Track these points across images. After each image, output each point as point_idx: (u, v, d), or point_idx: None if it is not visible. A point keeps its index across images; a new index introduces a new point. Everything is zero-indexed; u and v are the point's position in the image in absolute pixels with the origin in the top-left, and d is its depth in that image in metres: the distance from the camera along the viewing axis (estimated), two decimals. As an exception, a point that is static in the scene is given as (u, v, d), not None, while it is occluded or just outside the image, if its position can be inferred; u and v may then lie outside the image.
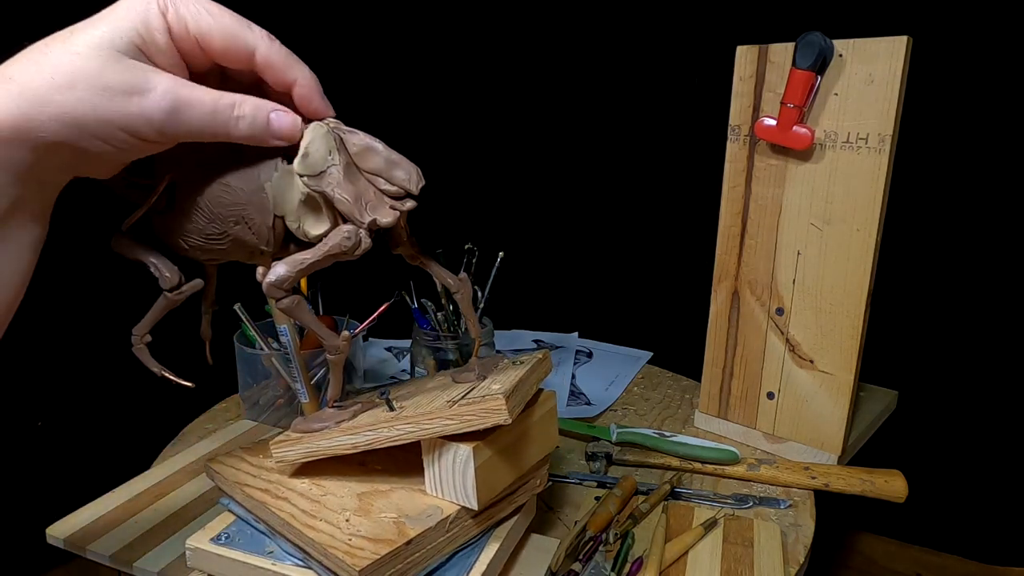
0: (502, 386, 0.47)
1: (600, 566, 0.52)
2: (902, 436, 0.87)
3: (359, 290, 0.78)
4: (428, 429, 0.46)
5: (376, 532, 0.44)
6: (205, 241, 0.45)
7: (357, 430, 0.48)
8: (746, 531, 0.57)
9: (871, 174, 0.60)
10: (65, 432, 0.96)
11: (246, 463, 0.53)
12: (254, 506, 0.49)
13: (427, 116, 1.20)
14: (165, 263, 0.45)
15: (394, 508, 0.47)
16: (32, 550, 0.89)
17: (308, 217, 0.45)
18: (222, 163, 0.44)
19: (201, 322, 0.53)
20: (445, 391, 0.51)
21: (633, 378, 0.92)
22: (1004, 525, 0.99)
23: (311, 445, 0.50)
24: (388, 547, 0.43)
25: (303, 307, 0.46)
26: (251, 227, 0.44)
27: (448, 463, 0.47)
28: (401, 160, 0.46)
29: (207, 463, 0.54)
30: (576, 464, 0.70)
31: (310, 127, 0.43)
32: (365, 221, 0.44)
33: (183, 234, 0.44)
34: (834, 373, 0.66)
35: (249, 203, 0.43)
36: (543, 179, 1.24)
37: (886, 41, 0.57)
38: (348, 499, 0.48)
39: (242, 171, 0.43)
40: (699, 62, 1.04)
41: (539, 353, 0.55)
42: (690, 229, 0.99)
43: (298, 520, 0.45)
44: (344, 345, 0.49)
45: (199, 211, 0.43)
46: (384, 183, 0.45)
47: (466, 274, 0.54)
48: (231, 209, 0.43)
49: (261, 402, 0.75)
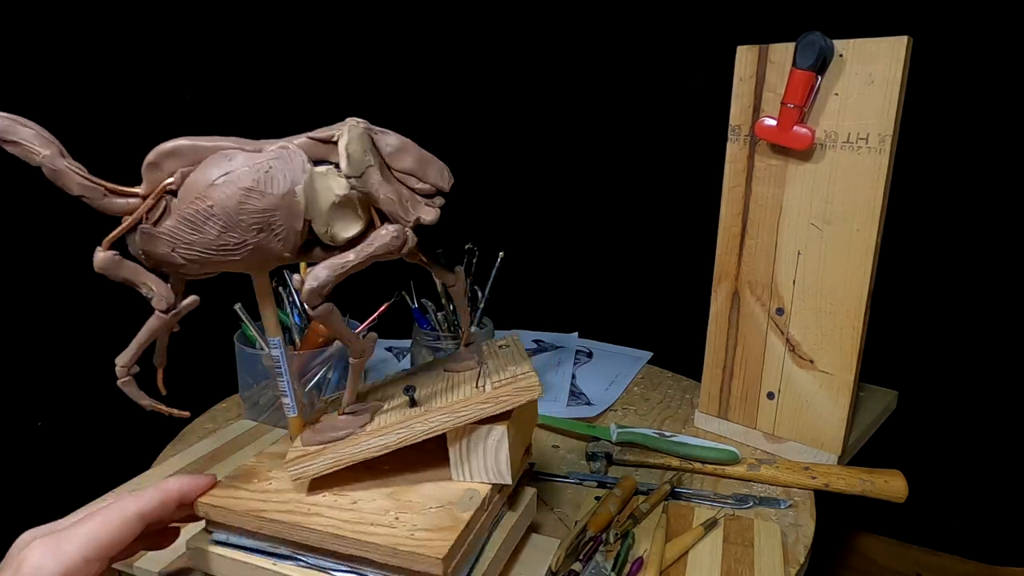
0: (519, 366, 0.50)
1: (600, 566, 0.52)
2: (902, 436, 0.87)
3: (359, 290, 0.78)
4: (464, 416, 0.47)
5: (432, 523, 0.44)
6: (214, 253, 0.42)
7: (387, 430, 0.47)
8: (746, 531, 0.57)
9: (871, 174, 0.60)
10: (65, 432, 0.96)
11: (243, 491, 0.48)
12: (279, 530, 0.45)
13: (427, 116, 1.20)
14: (157, 281, 0.43)
15: (433, 500, 0.47)
16: (32, 550, 0.88)
17: (339, 220, 0.44)
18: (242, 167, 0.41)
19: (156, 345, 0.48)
20: (460, 377, 0.52)
21: (633, 378, 0.92)
22: (1004, 525, 0.99)
23: (336, 454, 0.47)
24: (453, 532, 0.43)
25: (337, 314, 0.45)
26: (277, 234, 0.42)
27: (479, 445, 0.48)
28: (432, 158, 0.45)
29: (198, 501, 0.47)
30: (576, 464, 0.70)
31: (345, 128, 0.43)
32: (411, 219, 0.44)
33: (181, 247, 0.41)
34: (834, 373, 0.66)
35: (279, 208, 0.41)
36: (543, 179, 1.24)
37: (886, 41, 0.57)
38: (382, 501, 0.47)
39: (269, 174, 0.41)
40: (699, 62, 1.04)
41: (511, 337, 0.58)
42: (690, 229, 0.99)
43: (347, 529, 0.43)
44: (369, 347, 0.49)
45: (212, 220, 0.41)
46: (416, 182, 0.45)
47: (460, 267, 0.54)
48: (257, 216, 0.41)
49: (261, 402, 0.75)
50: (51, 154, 0.39)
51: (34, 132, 0.39)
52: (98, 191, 0.40)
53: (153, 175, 0.41)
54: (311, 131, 0.44)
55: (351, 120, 0.43)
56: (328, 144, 0.43)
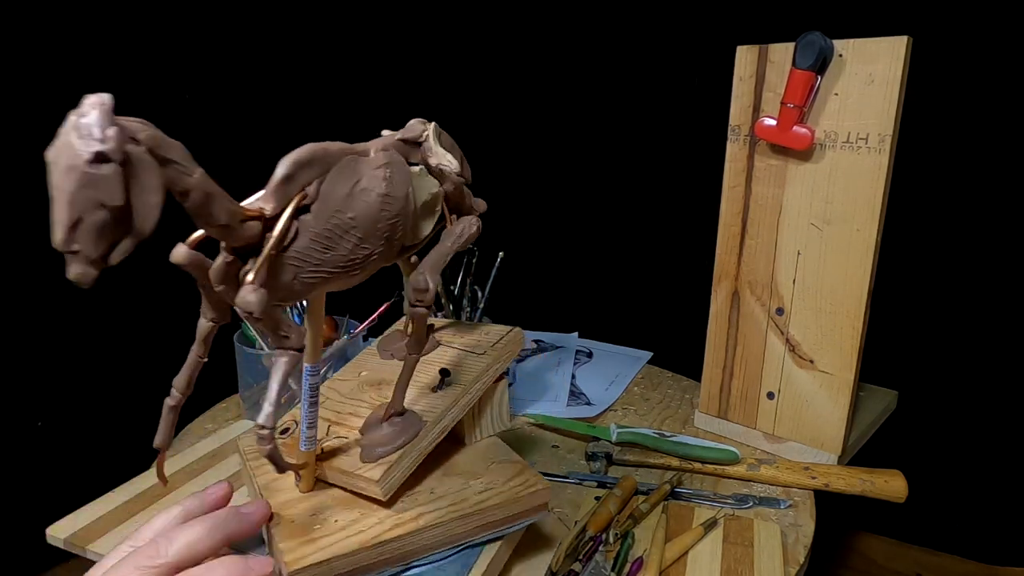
0: (486, 332, 0.57)
1: (600, 566, 0.52)
2: (902, 436, 0.87)
3: (359, 290, 0.77)
4: (487, 381, 0.53)
5: (507, 473, 0.50)
6: (339, 271, 0.37)
7: (443, 415, 0.50)
8: (746, 531, 0.57)
9: (871, 174, 0.60)
10: (65, 432, 0.96)
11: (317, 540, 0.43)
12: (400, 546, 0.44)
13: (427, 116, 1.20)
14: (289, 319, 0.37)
15: (480, 460, 0.52)
16: (32, 550, 0.89)
17: (424, 218, 0.45)
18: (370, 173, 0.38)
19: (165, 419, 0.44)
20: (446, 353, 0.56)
21: (633, 378, 0.92)
22: (1004, 525, 0.99)
23: (411, 455, 0.47)
24: (528, 470, 0.51)
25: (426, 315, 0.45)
26: (398, 238, 0.40)
27: (489, 402, 0.55)
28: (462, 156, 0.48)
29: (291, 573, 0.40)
30: (576, 464, 0.70)
31: (431, 128, 0.44)
32: (477, 210, 0.48)
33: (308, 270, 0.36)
34: (834, 373, 0.66)
35: (403, 212, 0.40)
36: (543, 179, 1.24)
37: (886, 41, 0.57)
38: (450, 481, 0.50)
39: (391, 178, 0.39)
40: (699, 62, 1.04)
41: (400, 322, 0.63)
42: (690, 229, 0.99)
43: (462, 508, 0.46)
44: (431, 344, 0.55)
45: (351, 233, 0.36)
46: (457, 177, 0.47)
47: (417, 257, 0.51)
48: (390, 221, 0.39)
49: (261, 402, 0.75)
50: (203, 174, 0.30)
51: (180, 145, 0.30)
52: (238, 216, 0.32)
53: (286, 189, 0.34)
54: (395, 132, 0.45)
55: (422, 121, 0.45)
56: (412, 145, 0.44)
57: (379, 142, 0.41)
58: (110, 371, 0.94)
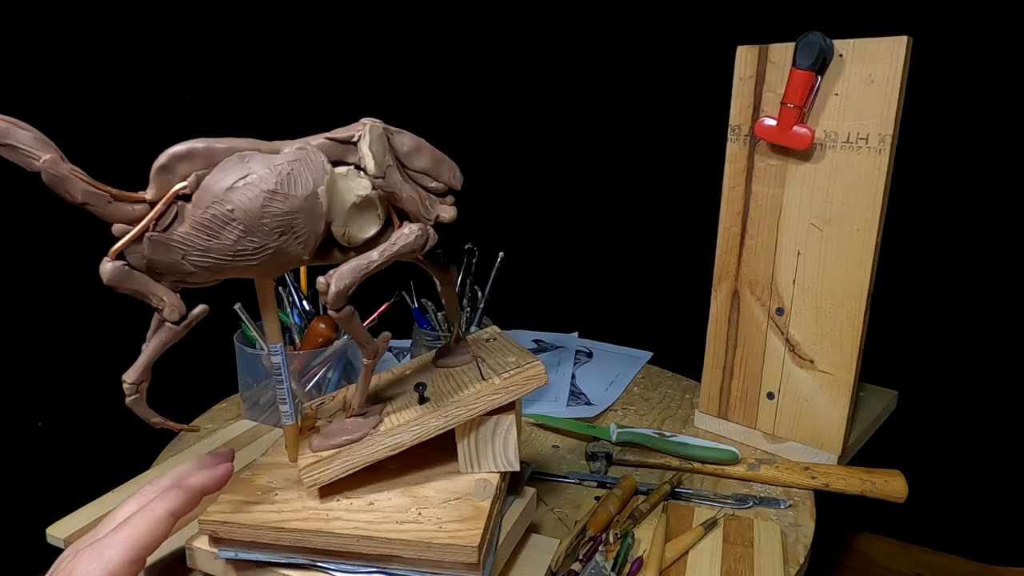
0: (519, 356, 0.51)
1: (600, 566, 0.52)
2: (902, 436, 0.87)
3: (359, 290, 0.78)
4: (476, 408, 0.48)
5: (457, 515, 0.45)
6: (230, 259, 0.40)
7: (401, 429, 0.47)
8: (746, 531, 0.57)
9: (871, 174, 0.60)
10: (65, 432, 0.96)
11: (250, 504, 0.47)
12: (299, 538, 0.44)
13: (427, 116, 1.21)
14: (168, 292, 0.41)
15: (449, 492, 0.47)
16: (32, 550, 0.89)
17: (358, 221, 0.44)
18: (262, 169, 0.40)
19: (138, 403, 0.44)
20: (461, 371, 0.53)
21: (633, 378, 0.92)
22: (1004, 525, 0.99)
23: (351, 457, 0.47)
24: (480, 521, 0.43)
25: (357, 316, 0.45)
26: (298, 236, 0.41)
27: (487, 436, 0.49)
28: (444, 157, 0.46)
29: (201, 520, 0.45)
30: (576, 464, 0.70)
31: (365, 128, 0.43)
32: (432, 217, 0.45)
33: (193, 253, 0.40)
34: (834, 373, 0.66)
35: (301, 210, 0.41)
36: (543, 179, 1.24)
37: (886, 41, 0.57)
38: (399, 499, 0.47)
39: (291, 176, 0.40)
40: (699, 62, 1.04)
41: (492, 328, 0.59)
42: (690, 229, 0.99)
43: (373, 529, 0.43)
44: (383, 347, 0.49)
45: (230, 225, 0.39)
46: (430, 181, 0.45)
47: (453, 265, 0.54)
48: (280, 219, 0.40)
49: (261, 402, 0.75)
50: (51, 159, 0.37)
51: (33, 136, 0.37)
52: (103, 197, 0.38)
53: (163, 179, 0.39)
54: (327, 131, 0.43)
55: (368, 120, 0.43)
56: (346, 144, 0.43)
57: (304, 140, 0.43)
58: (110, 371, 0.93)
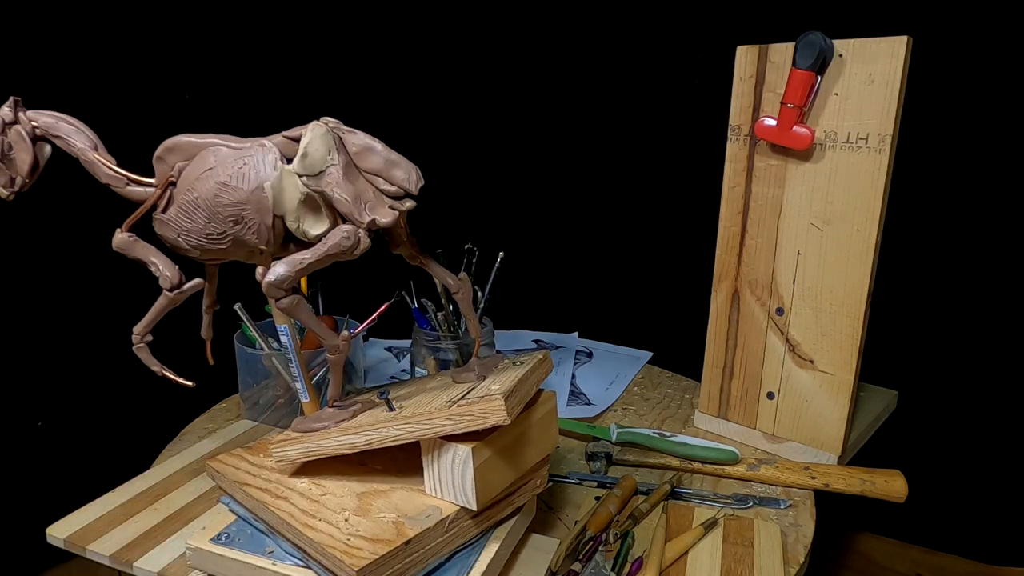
0: (502, 386, 0.47)
1: (600, 566, 0.52)
2: (902, 436, 0.87)
3: (359, 290, 0.78)
4: (427, 429, 0.46)
5: (375, 532, 0.44)
6: (205, 241, 0.46)
7: (356, 430, 0.48)
8: (746, 531, 0.57)
9: (871, 174, 0.60)
10: (65, 432, 0.96)
11: (246, 462, 0.53)
12: (254, 505, 0.49)
13: (427, 116, 1.20)
14: (166, 262, 0.47)
15: (393, 508, 0.47)
16: (32, 550, 0.89)
17: (308, 217, 0.46)
18: (222, 163, 0.45)
19: (202, 322, 0.54)
20: (445, 391, 0.51)
21: (633, 378, 0.92)
22: (1004, 525, 0.99)
23: (311, 445, 0.50)
24: (386, 547, 0.43)
25: (303, 306, 0.46)
26: (250, 227, 0.45)
27: (447, 463, 0.46)
28: (400, 160, 0.46)
29: (207, 462, 0.54)
30: (576, 464, 0.70)
31: (310, 127, 0.44)
32: (364, 221, 0.45)
33: (183, 233, 0.46)
34: (834, 373, 0.66)
35: (248, 202, 0.45)
36: (543, 179, 1.24)
37: (886, 41, 0.57)
38: (348, 499, 0.48)
39: (241, 171, 0.44)
40: (699, 62, 1.04)
41: (539, 353, 0.55)
42: (690, 229, 0.99)
43: (297, 520, 0.45)
44: (344, 345, 0.49)
45: (199, 210, 0.45)
46: (383, 183, 0.46)
47: (466, 274, 0.54)
48: (230, 208, 0.45)
49: (261, 402, 0.75)
50: (85, 147, 0.46)
51: (74, 127, 0.46)
52: (121, 180, 0.46)
53: (160, 168, 0.46)
54: (288, 130, 0.46)
55: (323, 119, 0.45)
56: (298, 142, 0.45)
57: (269, 137, 0.46)
58: (110, 371, 0.94)
